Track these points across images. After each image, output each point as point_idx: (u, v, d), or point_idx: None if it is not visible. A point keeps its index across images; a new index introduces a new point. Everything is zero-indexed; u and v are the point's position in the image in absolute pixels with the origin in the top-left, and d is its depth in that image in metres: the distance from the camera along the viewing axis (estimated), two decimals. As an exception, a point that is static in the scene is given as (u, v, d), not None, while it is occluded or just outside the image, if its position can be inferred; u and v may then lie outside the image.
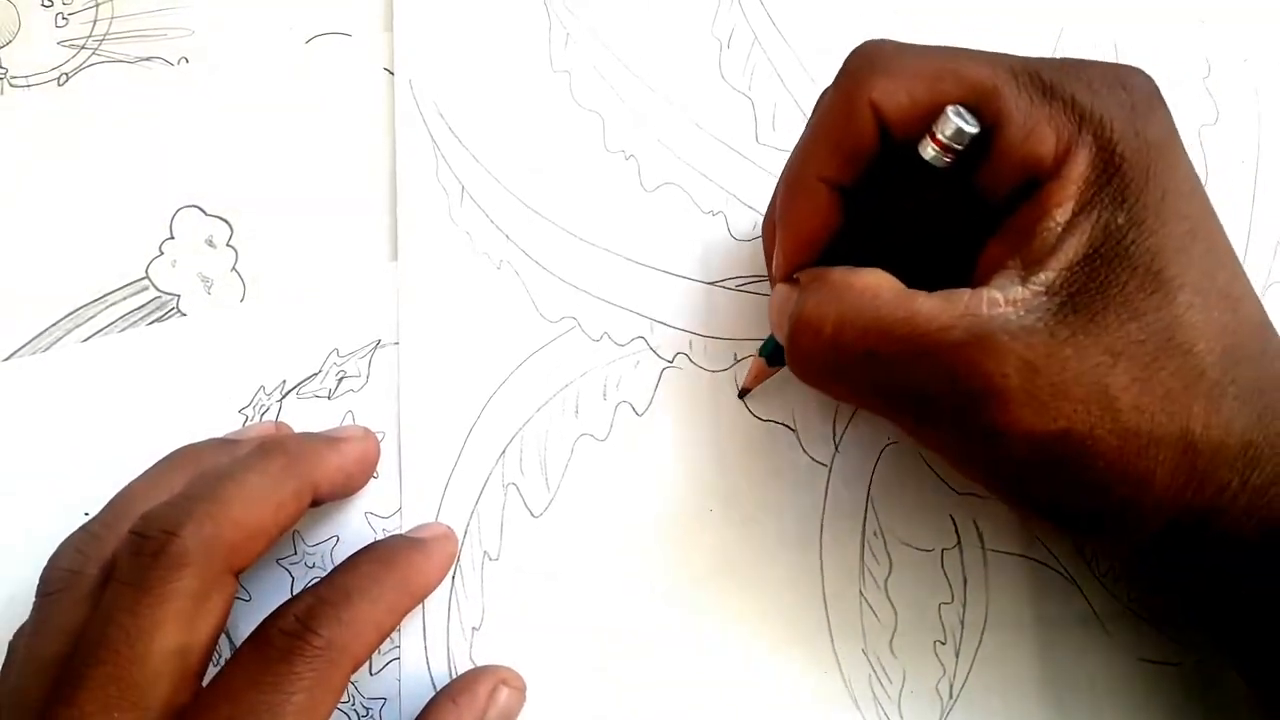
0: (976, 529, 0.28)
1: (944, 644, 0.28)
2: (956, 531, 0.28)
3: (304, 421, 0.29)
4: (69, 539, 0.25)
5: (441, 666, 0.28)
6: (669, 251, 0.30)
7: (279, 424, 0.29)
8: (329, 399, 0.29)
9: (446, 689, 0.26)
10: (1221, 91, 0.31)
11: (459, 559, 0.28)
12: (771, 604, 0.28)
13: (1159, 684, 0.27)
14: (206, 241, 0.31)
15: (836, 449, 0.29)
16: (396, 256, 0.30)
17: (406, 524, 0.28)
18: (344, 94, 0.32)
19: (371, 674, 0.27)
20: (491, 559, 0.28)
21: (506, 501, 0.29)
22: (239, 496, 0.23)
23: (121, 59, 0.32)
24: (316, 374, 0.30)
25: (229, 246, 0.31)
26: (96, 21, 0.32)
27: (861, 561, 0.28)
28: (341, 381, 0.29)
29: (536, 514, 0.29)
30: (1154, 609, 0.27)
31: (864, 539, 0.28)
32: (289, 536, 0.28)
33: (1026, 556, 0.28)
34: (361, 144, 0.31)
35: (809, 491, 0.29)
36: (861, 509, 0.29)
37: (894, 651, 0.28)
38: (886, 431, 0.29)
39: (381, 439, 0.29)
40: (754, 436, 0.29)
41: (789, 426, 0.29)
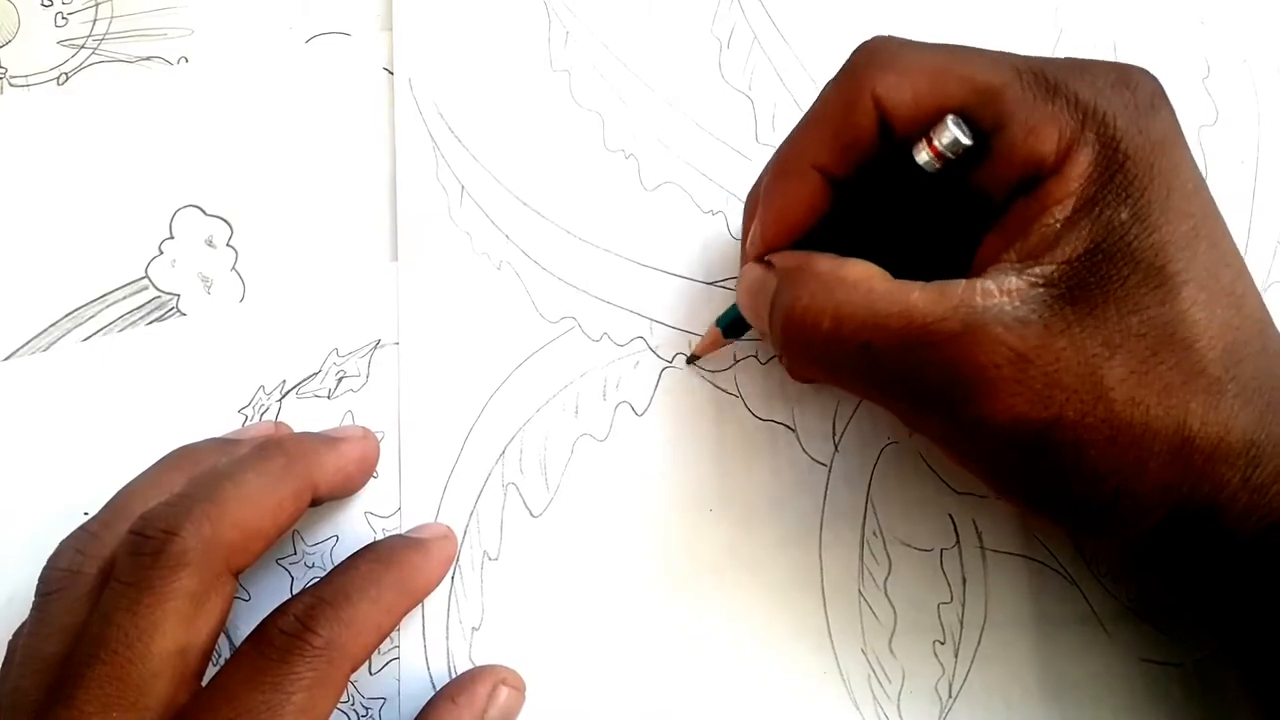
0: (976, 529, 0.28)
1: (943, 644, 0.28)
2: (956, 531, 0.28)
3: (304, 421, 0.29)
4: (68, 539, 0.25)
5: (441, 666, 0.28)
6: (669, 251, 0.30)
7: (279, 424, 0.29)
8: (329, 399, 0.29)
9: (446, 688, 0.26)
10: (1221, 92, 0.31)
11: (458, 559, 0.28)
12: (771, 604, 0.28)
13: (1159, 684, 0.27)
14: (206, 241, 0.31)
15: (836, 449, 0.29)
16: (396, 256, 0.30)
17: (406, 524, 0.28)
18: (344, 94, 0.32)
19: (371, 674, 0.27)
20: (491, 559, 0.28)
21: (506, 501, 0.29)
22: (238, 496, 0.23)
23: (121, 59, 0.32)
24: (316, 374, 0.30)
25: (229, 246, 0.31)
26: (96, 21, 0.32)
27: (861, 561, 0.28)
28: (341, 381, 0.29)
29: (536, 514, 0.29)
30: (1155, 607, 0.27)
31: (863, 539, 0.28)
32: (289, 536, 0.28)
33: (1026, 556, 0.28)
34: (361, 144, 0.31)
35: (808, 491, 0.29)
36: (861, 509, 0.29)
37: (893, 651, 0.28)
38: (886, 431, 0.29)
39: (381, 439, 0.29)
40: (753, 436, 0.29)
41: (788, 426, 0.29)
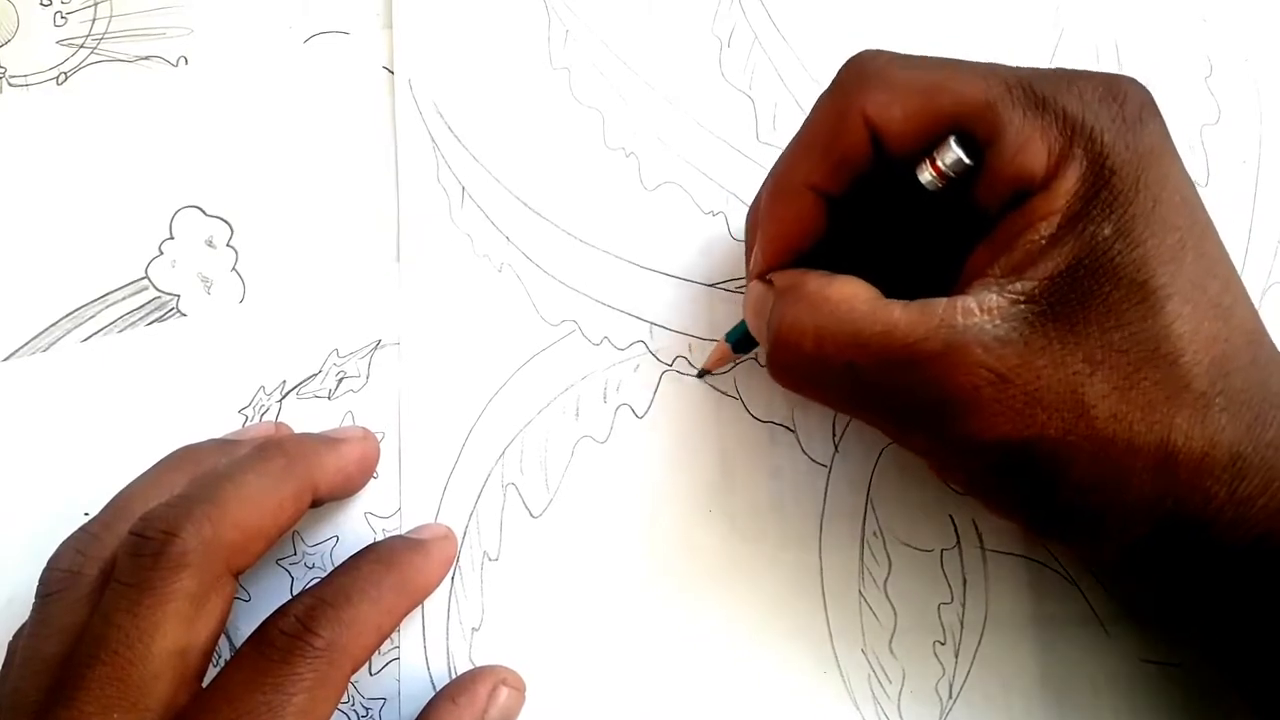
0: (976, 529, 0.28)
1: (943, 644, 0.28)
2: (956, 532, 0.28)
3: (304, 422, 0.29)
4: (69, 540, 0.25)
5: (441, 667, 0.28)
6: (669, 254, 0.30)
7: (279, 424, 0.29)
8: (329, 399, 0.29)
9: (446, 689, 0.26)
10: (1223, 90, 0.31)
11: (458, 559, 0.28)
12: (771, 604, 0.28)
13: (1159, 684, 0.27)
14: (206, 242, 0.31)
15: (836, 450, 0.29)
16: (397, 257, 0.30)
17: (406, 524, 0.28)
18: (344, 93, 0.32)
19: (371, 674, 0.28)
20: (491, 559, 0.28)
21: (506, 502, 0.29)
22: (238, 497, 0.23)
23: (121, 58, 0.32)
24: (316, 374, 0.30)
25: (229, 247, 0.31)
26: (95, 20, 0.32)
27: (861, 562, 0.28)
28: (341, 382, 0.29)
29: (536, 515, 0.29)
30: (1149, 612, 0.27)
31: (863, 539, 0.28)
32: (289, 537, 0.28)
33: (1026, 557, 0.28)
34: (361, 144, 0.31)
35: (809, 492, 0.29)
36: (861, 509, 0.28)
37: (893, 652, 0.28)
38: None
39: (381, 439, 0.29)
40: (753, 438, 0.29)
41: (788, 428, 0.29)
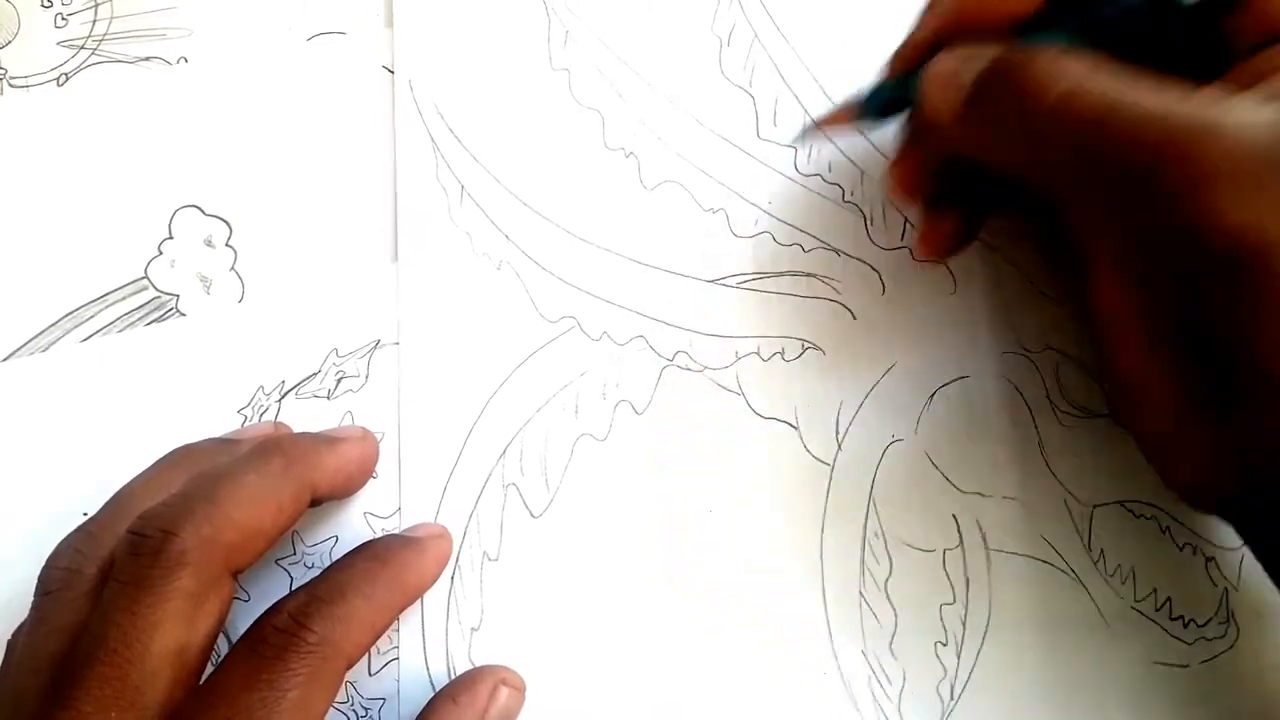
0: (980, 529, 0.28)
1: (945, 645, 0.27)
2: (959, 531, 0.28)
3: (303, 422, 0.29)
4: (67, 538, 0.25)
5: (440, 667, 0.27)
6: (669, 250, 0.30)
7: (278, 424, 0.29)
8: (328, 399, 0.29)
9: (446, 689, 0.26)
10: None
11: (458, 559, 0.28)
12: (771, 604, 0.28)
13: (1166, 686, 0.27)
14: (205, 241, 0.31)
15: (839, 447, 0.29)
16: (396, 256, 0.30)
17: (405, 524, 0.28)
18: (344, 93, 0.32)
19: (370, 674, 0.27)
20: (491, 559, 0.28)
21: (506, 502, 0.28)
22: (237, 497, 0.23)
23: (121, 59, 0.32)
24: (316, 374, 0.29)
25: (228, 246, 0.31)
26: (96, 21, 0.32)
27: (862, 562, 0.28)
28: (341, 382, 0.29)
29: (536, 514, 0.28)
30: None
31: (865, 539, 0.28)
32: (288, 537, 0.28)
33: (1031, 557, 0.28)
34: (361, 144, 0.31)
35: (810, 491, 0.28)
36: (863, 509, 0.28)
37: (894, 653, 0.27)
38: (890, 429, 0.29)
39: (381, 439, 0.29)
40: (755, 434, 0.29)
41: (791, 424, 0.29)
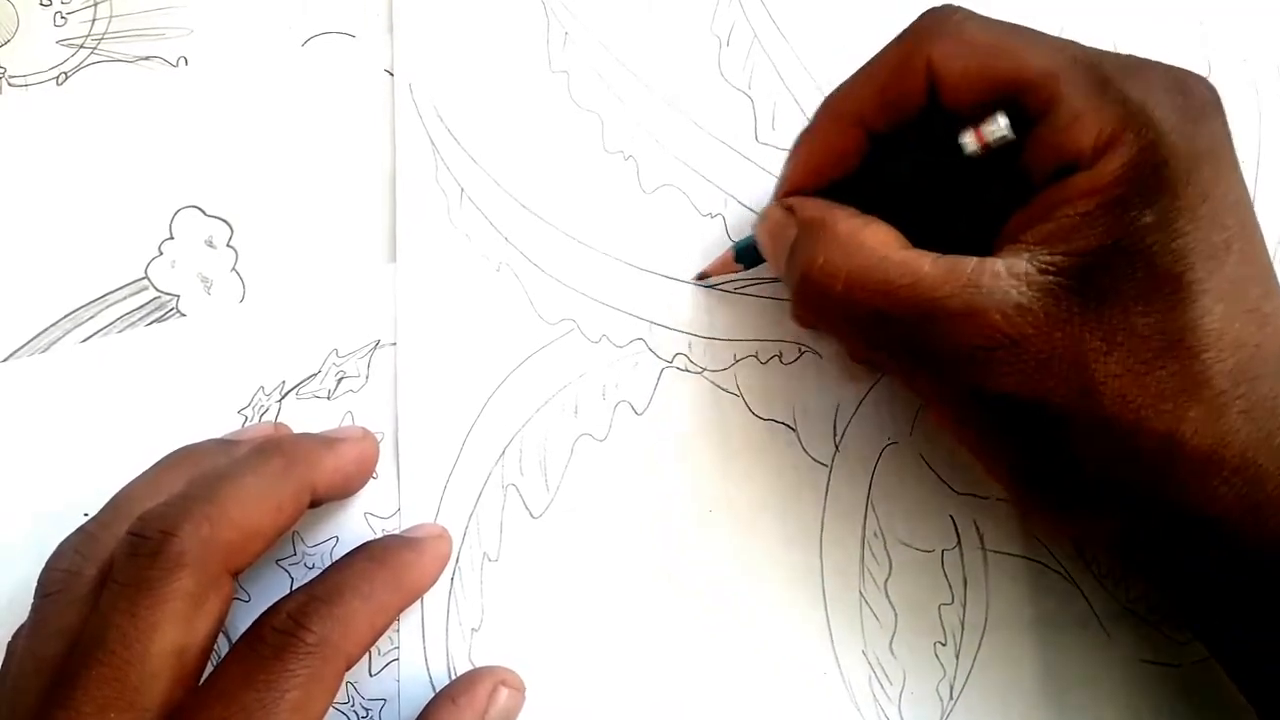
0: (977, 530, 0.28)
1: (944, 645, 0.28)
2: (957, 532, 0.28)
3: (303, 422, 0.29)
4: (67, 540, 0.25)
5: (440, 668, 0.27)
6: (667, 254, 0.30)
7: (278, 425, 0.29)
8: (328, 399, 0.29)
9: (446, 689, 0.26)
10: (1221, 90, 0.31)
11: (458, 560, 0.28)
12: (771, 605, 0.28)
13: (1160, 685, 0.27)
14: (206, 242, 0.31)
15: (837, 448, 0.29)
16: (395, 258, 0.30)
17: (405, 525, 0.28)
18: (343, 95, 0.32)
19: (371, 675, 0.27)
20: (491, 560, 0.28)
21: (506, 502, 0.28)
22: (237, 497, 0.23)
23: (120, 58, 0.32)
24: (316, 374, 0.29)
25: (229, 247, 0.31)
26: (95, 21, 0.32)
27: (862, 562, 0.28)
28: (341, 382, 0.29)
29: (536, 515, 0.28)
30: (1151, 607, 0.27)
31: (864, 539, 0.28)
32: (288, 537, 0.28)
33: (1027, 558, 0.28)
34: (361, 145, 0.31)
35: (809, 491, 0.29)
36: (862, 509, 0.28)
37: (894, 653, 0.28)
38: (888, 431, 0.29)
39: (380, 440, 0.29)
40: (754, 436, 0.29)
41: (789, 426, 0.29)
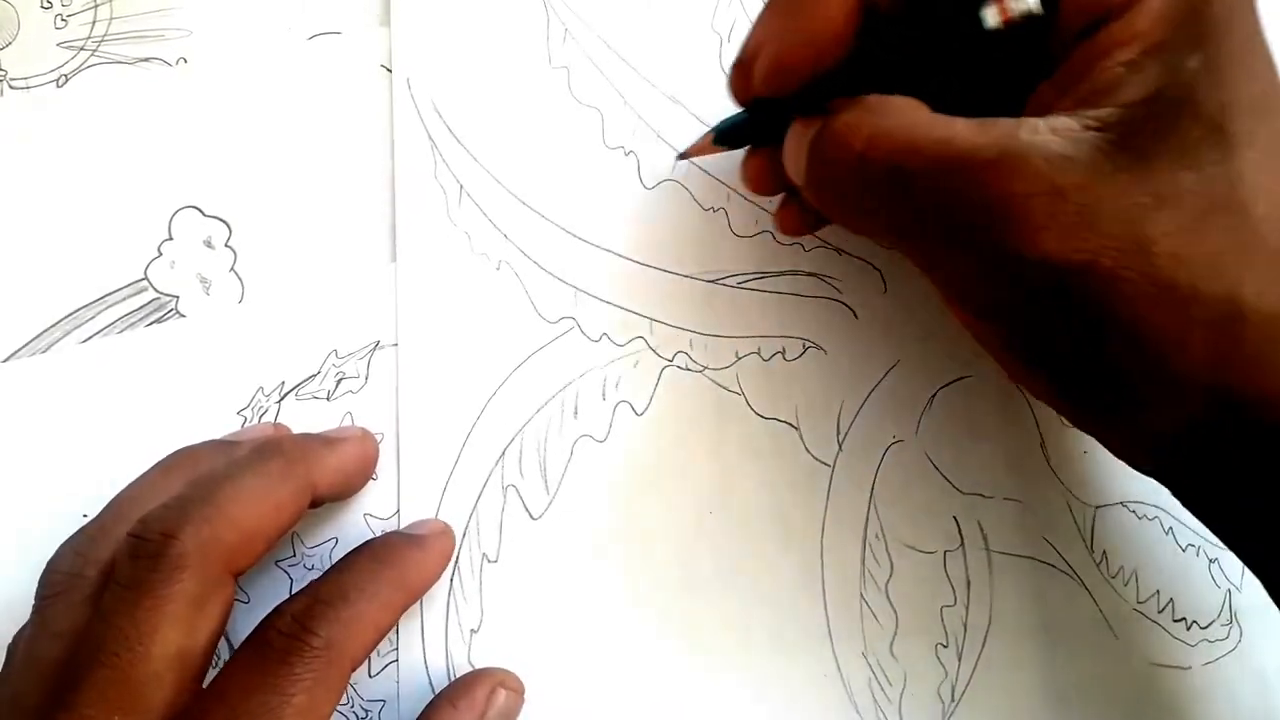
0: (980, 530, 0.28)
1: (946, 647, 0.27)
2: (960, 533, 0.28)
3: (303, 423, 0.29)
4: (67, 542, 0.25)
5: (440, 669, 0.27)
6: (668, 250, 0.30)
7: (277, 425, 0.29)
8: (328, 400, 0.29)
9: (445, 691, 0.26)
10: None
11: (458, 561, 0.28)
12: (771, 606, 0.28)
13: (1167, 688, 0.27)
14: (205, 242, 0.31)
15: (840, 448, 0.29)
16: (395, 257, 0.30)
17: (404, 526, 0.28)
18: (343, 94, 0.31)
19: (370, 676, 0.27)
20: (490, 561, 0.28)
21: (506, 503, 0.28)
22: (237, 498, 0.23)
23: (120, 60, 0.32)
24: (315, 375, 0.29)
25: (228, 247, 0.30)
26: (95, 23, 0.32)
27: (863, 563, 0.28)
28: (340, 383, 0.29)
29: (536, 516, 0.28)
30: (1196, 512, 0.22)
31: (865, 540, 0.28)
32: (288, 538, 0.28)
33: (1032, 558, 0.28)
34: (360, 143, 0.31)
35: (811, 492, 0.28)
36: (864, 510, 0.28)
37: (895, 654, 0.27)
38: (891, 430, 0.29)
39: (380, 440, 0.29)
40: (755, 435, 0.29)
41: (791, 425, 0.29)
